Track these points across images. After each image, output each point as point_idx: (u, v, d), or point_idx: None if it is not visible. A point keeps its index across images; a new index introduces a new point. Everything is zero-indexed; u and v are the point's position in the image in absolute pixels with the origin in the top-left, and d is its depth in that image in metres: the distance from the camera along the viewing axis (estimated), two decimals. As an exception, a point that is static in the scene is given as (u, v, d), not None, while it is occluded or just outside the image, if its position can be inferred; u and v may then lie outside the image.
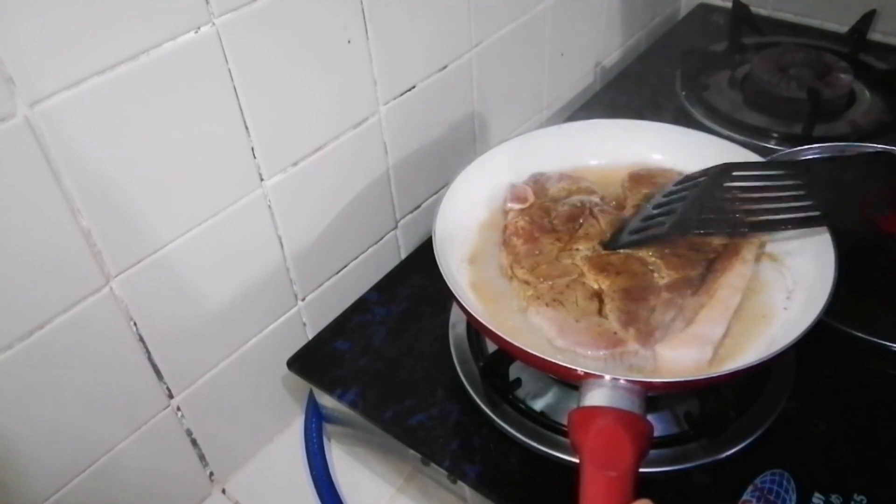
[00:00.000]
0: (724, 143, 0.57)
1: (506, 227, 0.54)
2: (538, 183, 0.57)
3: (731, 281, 0.47)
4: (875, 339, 0.54)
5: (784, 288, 0.47)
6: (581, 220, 0.53)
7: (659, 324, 0.45)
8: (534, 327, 0.47)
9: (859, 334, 0.53)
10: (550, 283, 0.49)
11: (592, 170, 0.59)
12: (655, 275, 0.48)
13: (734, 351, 0.44)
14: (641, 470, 0.47)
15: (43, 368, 0.44)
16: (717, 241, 0.50)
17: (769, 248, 0.50)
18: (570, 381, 0.49)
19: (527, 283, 0.49)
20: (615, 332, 0.45)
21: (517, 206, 0.55)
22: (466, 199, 0.55)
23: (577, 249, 0.51)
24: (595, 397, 0.41)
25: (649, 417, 0.50)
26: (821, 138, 0.73)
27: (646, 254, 0.50)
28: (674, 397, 0.51)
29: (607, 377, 0.41)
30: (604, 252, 0.50)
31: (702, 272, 0.48)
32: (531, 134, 0.60)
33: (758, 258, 0.49)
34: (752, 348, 0.44)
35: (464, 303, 0.46)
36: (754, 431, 0.49)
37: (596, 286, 0.49)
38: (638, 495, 0.37)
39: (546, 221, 0.53)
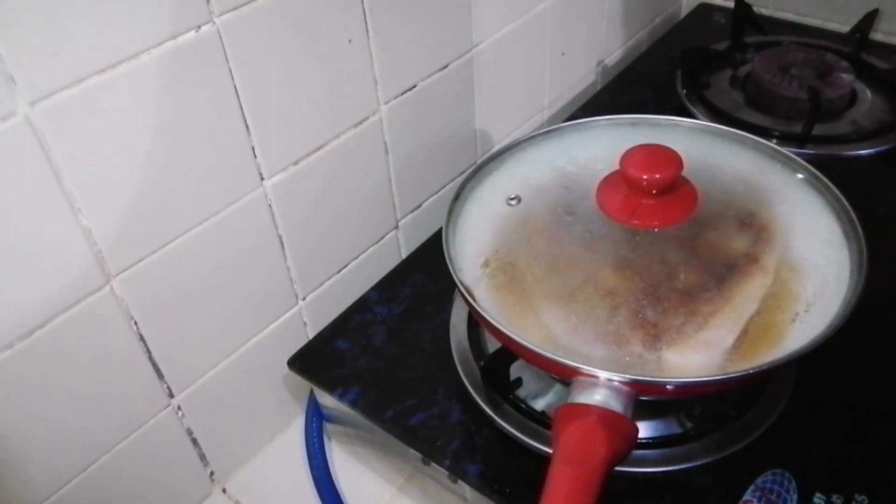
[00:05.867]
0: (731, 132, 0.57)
1: (523, 224, 0.53)
2: (559, 181, 0.56)
3: (748, 289, 0.46)
4: (877, 338, 0.53)
5: (804, 300, 0.46)
6: (601, 223, 0.52)
7: (668, 327, 0.45)
8: (541, 324, 0.46)
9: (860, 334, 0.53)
10: (565, 280, 0.48)
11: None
12: (673, 277, 0.48)
13: (743, 360, 0.44)
14: (642, 470, 0.48)
15: (43, 367, 0.44)
16: (738, 246, 0.49)
17: (792, 257, 0.49)
18: (565, 379, 0.49)
19: (541, 280, 0.49)
20: (622, 333, 0.45)
21: (541, 206, 0.54)
22: (482, 193, 0.55)
23: (597, 249, 0.51)
24: (583, 395, 0.41)
25: (651, 419, 0.50)
26: (821, 138, 0.73)
27: (667, 255, 0.49)
28: (674, 400, 0.51)
29: (600, 376, 0.41)
30: (625, 248, 0.50)
31: (720, 278, 0.47)
32: (557, 128, 0.59)
33: (778, 268, 0.48)
34: (762, 359, 0.44)
35: (466, 294, 0.46)
36: (755, 431, 0.49)
37: (611, 285, 0.48)
38: (604, 497, 0.37)
39: (570, 219, 0.52)
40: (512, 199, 0.54)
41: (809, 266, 0.48)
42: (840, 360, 0.52)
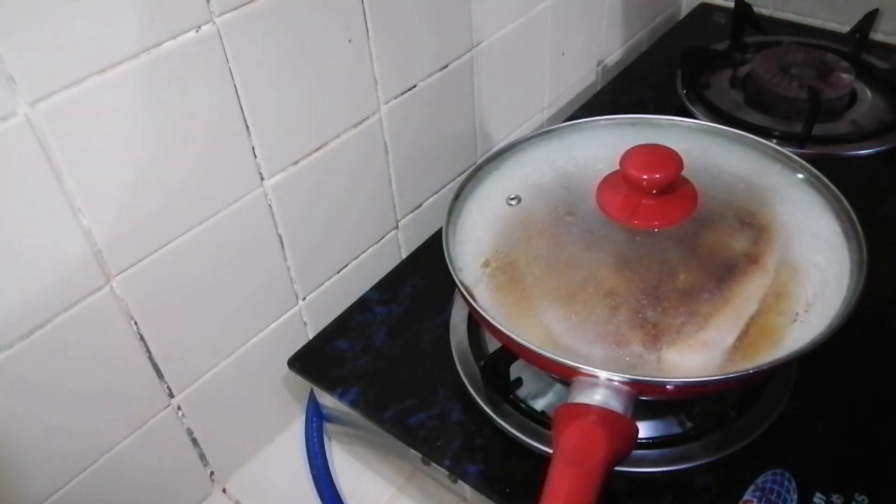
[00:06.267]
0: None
1: (523, 224, 0.53)
2: (559, 181, 0.56)
3: (748, 289, 0.46)
4: (877, 338, 0.53)
5: (804, 300, 0.46)
6: (601, 223, 0.52)
7: (668, 327, 0.45)
8: (541, 324, 0.46)
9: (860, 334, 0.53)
10: (565, 280, 0.48)
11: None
12: (673, 277, 0.48)
13: (743, 360, 0.44)
14: (642, 470, 0.48)
15: (43, 367, 0.44)
16: (738, 245, 0.49)
17: (792, 257, 0.48)
18: (565, 379, 0.49)
19: (541, 280, 0.49)
20: (622, 333, 0.45)
21: (542, 206, 0.54)
22: (482, 193, 0.55)
23: (597, 249, 0.50)
24: (583, 395, 0.41)
25: (651, 419, 0.50)
26: (821, 138, 0.73)
27: (667, 255, 0.49)
28: (674, 400, 0.51)
29: (600, 376, 0.41)
30: (625, 248, 0.50)
31: (720, 278, 0.47)
32: (557, 128, 0.58)
33: (778, 268, 0.48)
34: (762, 359, 0.44)
35: (466, 294, 0.46)
36: (755, 431, 0.49)
37: (611, 285, 0.48)
38: (604, 497, 0.37)
39: (570, 219, 0.52)
40: (512, 199, 0.54)
41: (809, 266, 0.48)
42: (840, 360, 0.52)
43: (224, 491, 0.61)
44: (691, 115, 0.78)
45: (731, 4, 0.91)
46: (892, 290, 0.58)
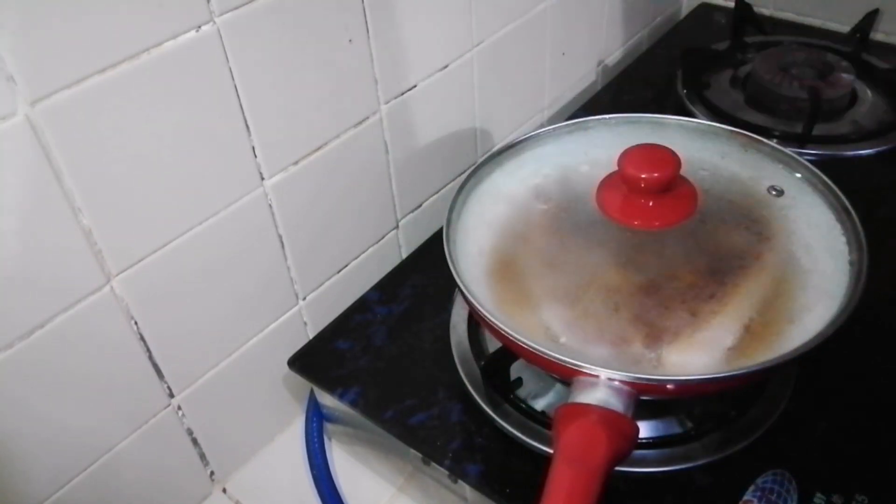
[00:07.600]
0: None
1: (523, 224, 0.53)
2: (559, 181, 0.56)
3: (748, 289, 0.46)
4: (877, 338, 0.53)
5: (804, 300, 0.46)
6: (601, 223, 0.52)
7: (668, 327, 0.45)
8: (542, 324, 0.46)
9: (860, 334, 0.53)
10: (566, 280, 0.48)
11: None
12: (674, 277, 0.48)
13: (743, 360, 0.44)
14: (642, 470, 0.48)
15: (43, 368, 0.44)
16: (738, 245, 0.49)
17: (792, 258, 0.48)
18: (565, 378, 0.49)
19: (542, 279, 0.49)
20: (623, 333, 0.45)
21: (542, 205, 0.54)
22: (483, 192, 0.55)
23: (600, 247, 0.50)
24: (584, 394, 0.41)
25: (651, 419, 0.50)
26: (821, 138, 0.73)
27: (668, 254, 0.49)
28: (674, 399, 0.51)
29: (601, 376, 0.41)
30: (626, 248, 0.50)
31: (720, 278, 0.47)
32: (557, 127, 0.58)
33: (778, 268, 0.48)
34: (762, 359, 0.44)
35: (467, 292, 0.46)
36: (755, 431, 0.49)
37: (611, 285, 0.48)
38: (605, 496, 0.37)
39: (570, 220, 0.52)
40: (514, 198, 0.54)
41: (809, 266, 0.48)
42: (840, 360, 0.52)
43: (224, 491, 0.61)
44: (691, 115, 0.78)
45: (732, 4, 0.91)
46: (892, 290, 0.58)
